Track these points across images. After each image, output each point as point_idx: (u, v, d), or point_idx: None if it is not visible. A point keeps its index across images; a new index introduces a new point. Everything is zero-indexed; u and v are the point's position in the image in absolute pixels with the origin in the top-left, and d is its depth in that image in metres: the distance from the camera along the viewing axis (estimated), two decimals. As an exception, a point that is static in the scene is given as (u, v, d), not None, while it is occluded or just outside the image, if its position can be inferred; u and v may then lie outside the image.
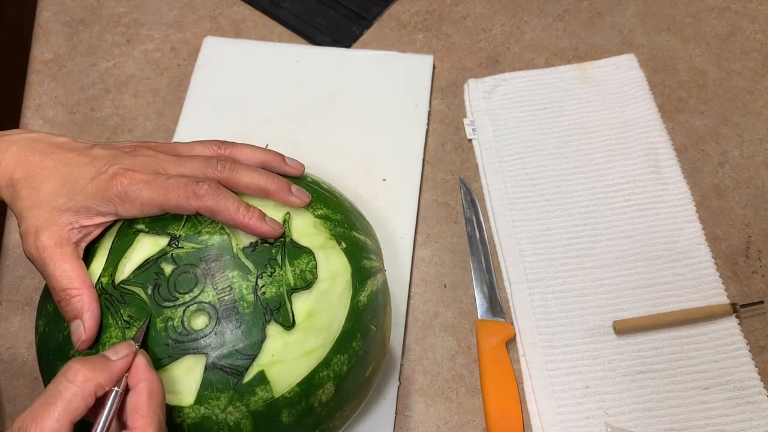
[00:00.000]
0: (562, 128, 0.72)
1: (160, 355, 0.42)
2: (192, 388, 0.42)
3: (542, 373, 0.59)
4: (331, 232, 0.48)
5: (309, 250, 0.46)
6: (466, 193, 0.69)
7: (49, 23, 0.81)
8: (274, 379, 0.43)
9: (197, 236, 0.45)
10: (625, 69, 0.75)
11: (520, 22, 0.80)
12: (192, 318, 0.43)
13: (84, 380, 0.37)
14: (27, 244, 0.43)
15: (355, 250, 0.48)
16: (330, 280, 0.46)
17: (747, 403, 0.57)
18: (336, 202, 0.51)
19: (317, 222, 0.47)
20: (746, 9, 0.80)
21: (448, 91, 0.76)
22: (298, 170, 0.51)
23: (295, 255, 0.45)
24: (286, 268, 0.44)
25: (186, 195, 0.44)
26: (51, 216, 0.43)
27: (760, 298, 0.62)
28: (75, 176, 0.44)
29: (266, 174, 0.47)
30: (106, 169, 0.44)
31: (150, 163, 0.46)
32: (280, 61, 0.77)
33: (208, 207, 0.44)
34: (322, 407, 0.45)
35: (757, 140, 0.71)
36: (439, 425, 0.58)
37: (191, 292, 0.43)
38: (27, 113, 0.75)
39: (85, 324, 0.42)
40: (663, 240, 0.65)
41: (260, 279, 0.44)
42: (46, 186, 0.44)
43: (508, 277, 0.64)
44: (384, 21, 0.81)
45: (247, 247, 0.45)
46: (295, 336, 0.43)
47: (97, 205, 0.44)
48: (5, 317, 0.63)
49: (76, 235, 0.44)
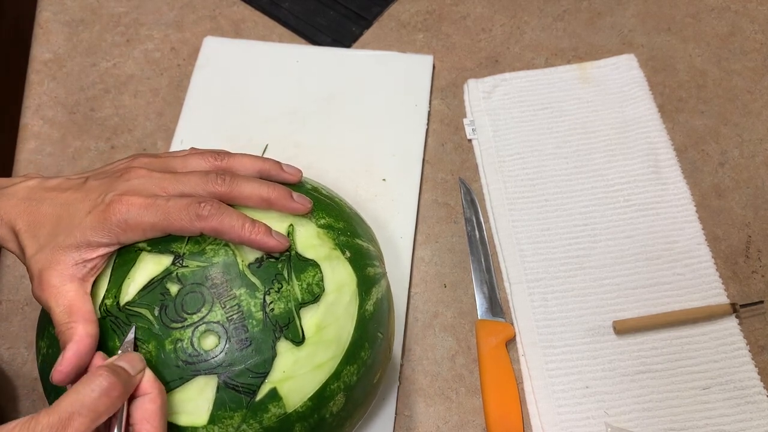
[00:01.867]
0: (562, 128, 0.72)
1: (170, 377, 0.41)
2: (205, 408, 0.41)
3: (542, 373, 0.59)
4: (335, 241, 0.47)
5: (314, 263, 0.45)
6: (466, 193, 0.69)
7: (49, 23, 0.81)
8: (286, 395, 0.42)
9: (201, 254, 0.44)
10: (625, 69, 0.75)
11: (520, 22, 0.80)
12: (202, 338, 0.42)
13: (118, 396, 0.37)
14: (34, 288, 0.43)
15: (359, 258, 0.48)
16: (337, 292, 0.45)
17: (747, 403, 0.57)
18: (337, 209, 0.50)
19: (320, 232, 0.47)
20: (746, 9, 0.80)
21: (448, 91, 0.76)
22: (296, 176, 0.50)
23: (302, 268, 0.45)
24: (293, 283, 0.44)
25: (189, 218, 0.43)
26: (53, 256, 0.42)
27: (760, 298, 0.62)
28: (71, 213, 0.43)
29: (266, 183, 0.46)
30: (101, 199, 0.43)
31: (146, 185, 0.45)
32: (280, 61, 0.77)
33: (213, 228, 0.43)
34: (333, 418, 0.45)
35: (757, 140, 0.71)
36: (439, 425, 0.58)
37: (199, 312, 0.42)
38: (27, 113, 0.75)
39: (65, 354, 0.40)
40: (663, 240, 0.65)
41: (268, 296, 0.43)
42: (44, 230, 0.43)
43: (508, 277, 0.64)
44: (384, 21, 0.81)
45: (252, 263, 0.44)
46: (305, 351, 0.43)
47: (98, 238, 0.43)
48: (5, 317, 0.63)
49: (81, 271, 0.43)
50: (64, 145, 0.72)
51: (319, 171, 0.70)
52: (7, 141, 0.73)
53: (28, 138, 0.73)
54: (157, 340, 0.42)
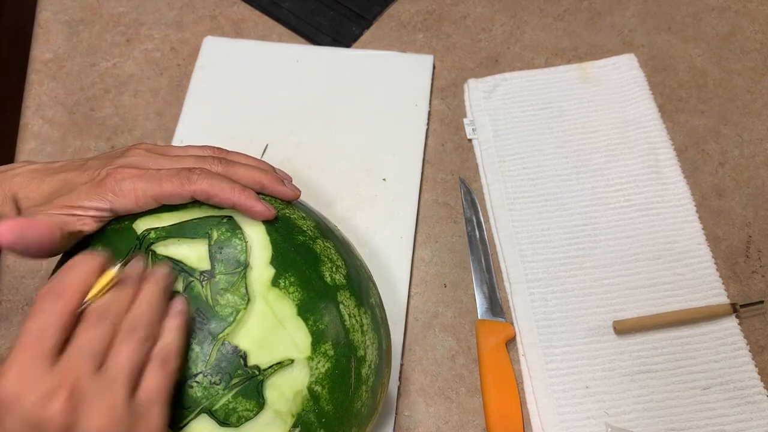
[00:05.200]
0: (562, 128, 0.72)
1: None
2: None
3: (542, 373, 0.59)
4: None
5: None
6: (466, 193, 0.69)
7: (49, 23, 0.81)
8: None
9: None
10: (625, 69, 0.75)
11: (520, 22, 0.80)
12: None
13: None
14: None
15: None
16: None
17: (747, 403, 0.57)
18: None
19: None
20: (746, 9, 0.80)
21: (448, 91, 0.76)
22: (294, 195, 0.49)
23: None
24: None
25: (180, 182, 0.43)
26: (44, 208, 0.43)
27: (760, 298, 0.62)
28: (70, 185, 0.44)
29: (261, 169, 0.47)
30: (99, 172, 0.44)
31: (143, 161, 0.45)
32: (280, 61, 0.77)
33: (203, 190, 0.43)
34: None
35: (757, 140, 0.71)
36: (439, 425, 0.58)
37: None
38: (27, 113, 0.75)
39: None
40: (663, 240, 0.65)
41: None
42: (43, 199, 0.44)
43: (508, 277, 0.64)
44: (384, 21, 0.81)
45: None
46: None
47: (91, 202, 0.43)
48: (5, 317, 0.63)
49: (68, 218, 0.43)
50: (64, 145, 0.72)
51: (319, 171, 0.70)
52: (7, 141, 0.73)
53: (28, 138, 0.73)
54: None
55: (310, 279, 0.44)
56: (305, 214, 0.49)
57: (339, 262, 0.46)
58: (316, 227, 0.48)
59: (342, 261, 0.47)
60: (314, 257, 0.45)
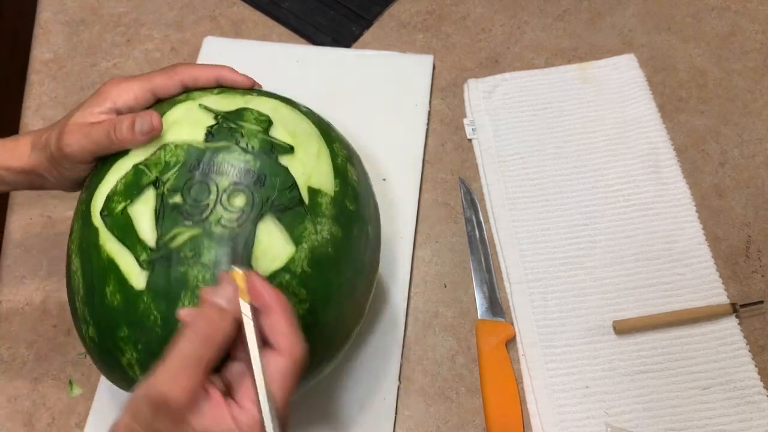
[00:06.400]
0: (563, 128, 0.72)
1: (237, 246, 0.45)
2: (283, 240, 0.46)
3: (542, 373, 0.59)
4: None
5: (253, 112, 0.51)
6: (466, 193, 0.69)
7: (49, 23, 0.81)
8: (319, 185, 0.48)
9: (166, 168, 0.47)
10: (625, 69, 0.75)
11: (520, 22, 0.80)
12: (232, 202, 0.46)
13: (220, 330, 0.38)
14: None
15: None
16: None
17: (747, 403, 0.57)
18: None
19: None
20: (746, 9, 0.80)
21: (448, 91, 0.76)
22: (249, 82, 0.55)
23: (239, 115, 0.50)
24: (245, 124, 0.49)
25: (167, 74, 0.51)
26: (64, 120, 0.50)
27: (760, 298, 0.62)
28: None
29: (219, 65, 0.55)
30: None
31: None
32: (280, 61, 0.77)
33: (190, 74, 0.52)
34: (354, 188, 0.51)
35: (757, 140, 0.71)
36: (439, 425, 0.58)
37: (211, 194, 0.46)
38: (27, 113, 0.75)
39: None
40: (663, 240, 0.65)
41: (240, 143, 0.48)
42: None
43: (508, 277, 0.64)
44: (384, 21, 0.81)
45: (205, 138, 0.48)
46: (299, 153, 0.49)
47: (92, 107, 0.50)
48: (5, 317, 0.63)
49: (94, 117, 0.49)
50: (64, 145, 0.72)
51: (319, 171, 0.70)
52: (7, 141, 0.73)
53: (28, 138, 0.73)
54: (203, 230, 0.45)
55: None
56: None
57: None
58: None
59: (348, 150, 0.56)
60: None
